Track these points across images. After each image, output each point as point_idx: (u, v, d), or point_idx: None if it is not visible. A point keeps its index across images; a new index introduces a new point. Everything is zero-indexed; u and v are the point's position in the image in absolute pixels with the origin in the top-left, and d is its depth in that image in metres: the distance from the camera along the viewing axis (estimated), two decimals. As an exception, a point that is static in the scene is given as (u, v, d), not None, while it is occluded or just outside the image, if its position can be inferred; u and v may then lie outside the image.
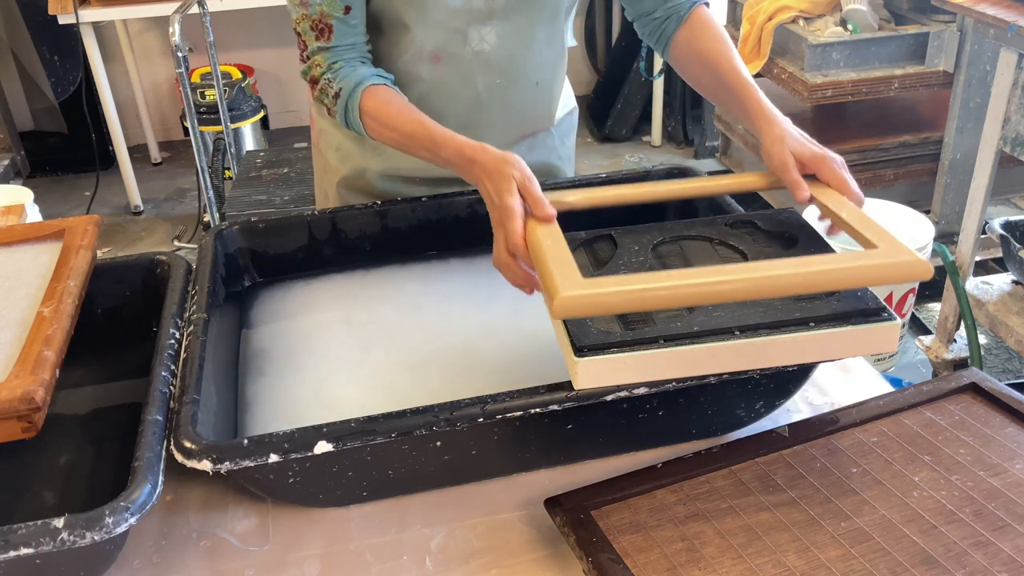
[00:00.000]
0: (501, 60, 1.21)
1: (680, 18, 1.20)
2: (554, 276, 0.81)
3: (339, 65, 1.13)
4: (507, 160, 0.96)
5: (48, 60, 3.79)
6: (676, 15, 1.20)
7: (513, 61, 1.22)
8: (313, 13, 1.12)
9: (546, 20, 1.22)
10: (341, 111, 1.13)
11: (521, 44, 1.21)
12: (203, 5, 2.85)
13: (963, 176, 2.73)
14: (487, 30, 1.18)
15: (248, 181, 2.80)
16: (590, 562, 0.78)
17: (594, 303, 0.79)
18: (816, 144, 1.01)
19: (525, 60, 1.23)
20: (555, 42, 1.26)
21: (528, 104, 1.29)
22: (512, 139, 1.31)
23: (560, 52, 1.29)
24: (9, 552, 0.72)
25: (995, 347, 2.60)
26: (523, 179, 0.94)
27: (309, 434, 0.81)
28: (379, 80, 1.13)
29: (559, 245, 0.87)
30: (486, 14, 1.17)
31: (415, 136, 1.07)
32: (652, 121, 4.15)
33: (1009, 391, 0.95)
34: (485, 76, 1.22)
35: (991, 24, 2.14)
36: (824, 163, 0.98)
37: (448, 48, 1.19)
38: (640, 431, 0.94)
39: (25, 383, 0.84)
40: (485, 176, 0.96)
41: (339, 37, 1.13)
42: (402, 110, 1.10)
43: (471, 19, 1.17)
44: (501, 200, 0.93)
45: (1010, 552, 0.77)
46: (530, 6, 1.19)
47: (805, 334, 0.84)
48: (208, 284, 1.06)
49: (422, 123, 1.07)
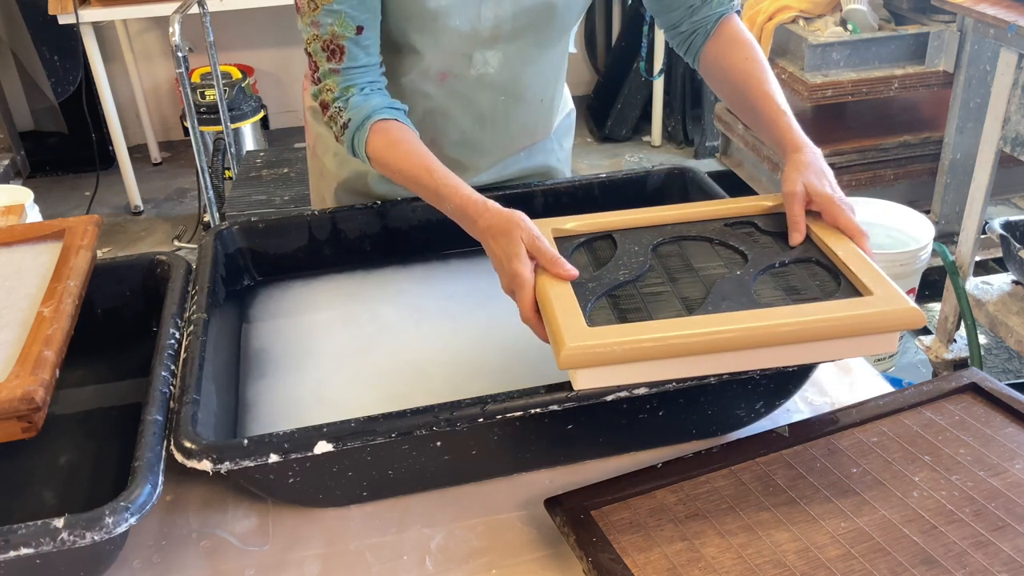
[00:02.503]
0: (504, 81, 1.21)
1: (707, 32, 1.17)
2: (561, 327, 0.83)
3: (351, 93, 1.10)
4: (513, 221, 0.94)
5: (48, 60, 3.79)
6: (703, 29, 1.17)
7: (516, 82, 1.22)
8: (324, 34, 1.08)
9: (550, 42, 1.21)
10: (348, 142, 1.11)
11: (524, 65, 1.20)
12: (203, 5, 2.85)
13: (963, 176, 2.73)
14: (491, 53, 1.17)
15: (248, 181, 2.80)
16: (590, 562, 0.78)
17: (600, 355, 0.80)
18: (834, 185, 0.99)
19: (528, 80, 1.23)
20: (558, 59, 1.26)
21: (531, 120, 1.29)
22: (513, 151, 1.32)
23: (562, 66, 1.28)
24: (9, 552, 0.72)
25: (995, 347, 2.60)
26: (531, 240, 0.92)
27: (309, 434, 0.81)
28: (390, 114, 1.10)
29: (564, 291, 0.88)
30: (491, 39, 1.15)
31: (419, 182, 1.05)
32: (652, 121, 4.15)
33: (1009, 391, 0.95)
34: (489, 95, 1.22)
35: (991, 24, 2.14)
36: (832, 204, 0.96)
37: (453, 69, 1.18)
38: (640, 431, 0.94)
39: (25, 383, 0.84)
40: (491, 238, 0.95)
41: (351, 59, 1.09)
42: (410, 154, 1.06)
43: (476, 44, 1.15)
44: (512, 267, 0.91)
45: (1010, 552, 0.77)
46: (534, 31, 1.17)
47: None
48: (208, 284, 1.06)
49: (428, 170, 1.04)
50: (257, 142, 3.69)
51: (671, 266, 0.95)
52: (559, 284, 0.89)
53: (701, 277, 0.92)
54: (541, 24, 1.16)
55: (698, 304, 0.87)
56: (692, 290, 0.90)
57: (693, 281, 0.92)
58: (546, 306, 0.87)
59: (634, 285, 0.92)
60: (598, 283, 0.91)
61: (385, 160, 1.08)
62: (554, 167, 1.39)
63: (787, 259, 0.94)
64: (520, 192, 1.28)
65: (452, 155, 1.27)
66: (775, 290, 0.90)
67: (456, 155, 1.27)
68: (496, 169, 1.32)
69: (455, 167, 1.26)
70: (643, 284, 0.92)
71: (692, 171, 1.29)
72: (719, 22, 1.17)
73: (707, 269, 0.94)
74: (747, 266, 0.93)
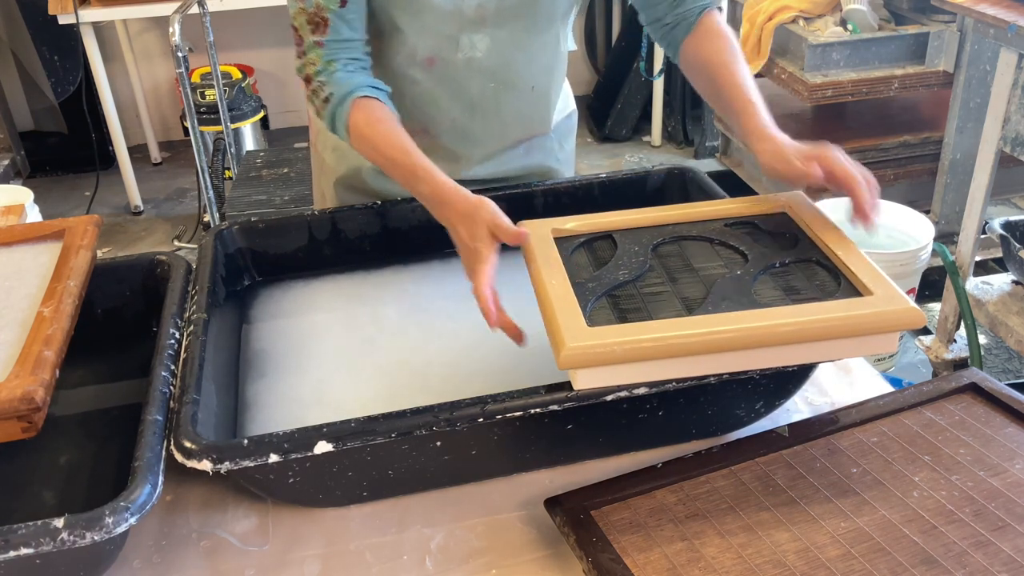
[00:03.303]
0: (494, 66, 1.21)
1: (689, 25, 1.18)
2: (561, 327, 0.83)
3: (334, 68, 1.11)
4: (477, 204, 0.97)
5: (48, 60, 3.79)
6: (685, 22, 1.19)
7: (507, 67, 1.22)
8: (309, 6, 1.10)
9: (540, 28, 1.21)
10: (329, 117, 1.12)
11: (514, 51, 1.20)
12: (203, 5, 2.85)
13: (963, 176, 2.73)
14: (478, 37, 1.17)
15: (248, 181, 2.80)
16: (590, 562, 0.78)
17: (600, 355, 0.81)
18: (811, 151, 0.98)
19: (519, 66, 1.23)
20: (551, 48, 1.25)
21: (524, 109, 1.28)
22: (508, 143, 1.31)
23: (557, 57, 1.28)
24: (9, 552, 0.72)
25: (995, 347, 2.60)
26: (493, 219, 0.95)
27: (309, 434, 0.81)
28: (372, 92, 1.11)
29: (564, 291, 0.88)
30: (477, 21, 1.16)
31: (396, 163, 1.06)
32: (652, 121, 4.15)
33: (1009, 391, 0.95)
34: (478, 81, 1.21)
35: (991, 24, 2.14)
36: (826, 148, 0.95)
37: (441, 53, 1.18)
38: (640, 431, 0.94)
39: (25, 383, 0.84)
40: (457, 219, 0.97)
41: (335, 31, 1.11)
42: (389, 133, 1.08)
43: (462, 26, 1.16)
44: (474, 244, 0.94)
45: (1010, 552, 0.77)
46: (522, 14, 1.17)
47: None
48: (208, 284, 1.06)
49: (406, 151, 1.05)
50: (257, 142, 3.69)
51: (671, 266, 0.95)
52: (559, 284, 0.89)
53: (701, 277, 0.92)
54: (527, 7, 1.16)
55: (698, 304, 0.87)
56: (692, 290, 0.90)
57: (693, 281, 0.92)
58: (546, 306, 0.87)
59: (634, 285, 0.92)
60: (598, 283, 0.91)
61: (364, 135, 1.09)
62: (554, 168, 1.38)
63: (787, 259, 0.94)
64: (520, 192, 1.28)
65: (445, 143, 1.27)
66: (775, 290, 0.90)
67: (449, 143, 1.27)
68: (492, 164, 1.31)
69: (448, 157, 1.26)
70: (643, 284, 0.92)
71: (692, 171, 1.29)
72: (701, 15, 1.18)
73: (707, 269, 0.94)
74: (747, 266, 0.93)
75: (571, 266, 0.95)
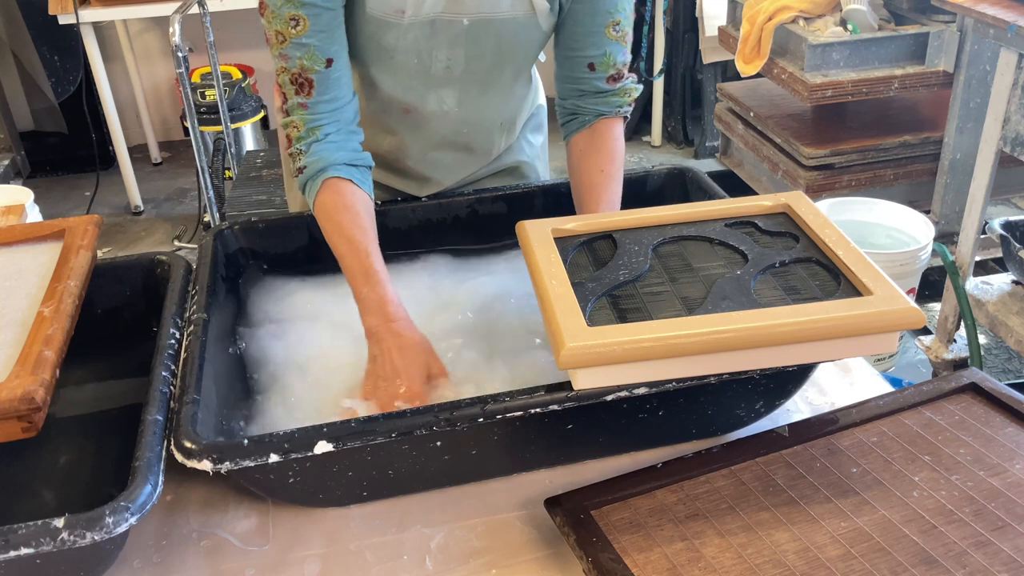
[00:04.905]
0: (465, 115, 1.22)
1: (584, 122, 1.18)
2: (561, 327, 0.83)
3: (315, 135, 1.08)
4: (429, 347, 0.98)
5: (48, 60, 3.79)
6: (582, 118, 1.19)
7: (478, 114, 1.23)
8: (293, 67, 1.06)
9: (507, 80, 1.21)
10: (300, 186, 1.11)
11: (482, 101, 1.21)
12: (203, 5, 2.85)
13: (963, 176, 2.73)
14: (446, 92, 1.18)
15: (248, 181, 2.80)
16: (590, 562, 0.78)
17: (600, 355, 0.81)
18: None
19: (490, 111, 1.24)
20: (521, 87, 1.26)
21: (496, 141, 1.30)
22: (478, 166, 1.33)
23: (528, 88, 1.29)
24: (9, 552, 0.72)
25: (995, 347, 2.60)
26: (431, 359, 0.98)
27: (309, 434, 0.81)
28: (347, 172, 1.08)
29: (564, 291, 0.88)
30: (445, 80, 1.16)
31: (349, 259, 1.04)
32: (652, 121, 4.15)
33: (1009, 391, 0.95)
34: (451, 127, 1.23)
35: (991, 24, 2.14)
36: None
37: (413, 104, 1.19)
38: (640, 431, 0.94)
39: (25, 383, 0.84)
40: (399, 348, 0.97)
41: (320, 92, 1.07)
42: (352, 225, 1.05)
43: (430, 84, 1.16)
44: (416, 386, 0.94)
45: (1010, 552, 0.77)
46: (489, 74, 1.17)
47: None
48: (208, 284, 1.06)
49: (366, 251, 1.04)
50: (257, 142, 3.69)
51: (671, 266, 0.95)
52: (559, 284, 0.89)
53: (701, 277, 0.92)
54: (495, 69, 1.17)
55: (698, 304, 0.87)
56: (692, 290, 0.90)
57: (693, 281, 0.92)
58: (546, 306, 0.87)
59: (634, 285, 0.92)
60: (598, 283, 0.91)
61: (329, 218, 1.07)
62: (524, 162, 1.39)
63: (787, 259, 0.94)
64: (520, 192, 1.28)
65: (416, 169, 1.29)
66: (775, 290, 0.90)
67: (421, 170, 1.29)
68: (461, 179, 1.34)
69: (419, 181, 1.29)
70: (643, 284, 0.92)
71: (692, 171, 1.29)
72: (598, 119, 1.18)
73: (707, 269, 0.94)
74: (747, 266, 0.93)
75: (571, 266, 0.95)
